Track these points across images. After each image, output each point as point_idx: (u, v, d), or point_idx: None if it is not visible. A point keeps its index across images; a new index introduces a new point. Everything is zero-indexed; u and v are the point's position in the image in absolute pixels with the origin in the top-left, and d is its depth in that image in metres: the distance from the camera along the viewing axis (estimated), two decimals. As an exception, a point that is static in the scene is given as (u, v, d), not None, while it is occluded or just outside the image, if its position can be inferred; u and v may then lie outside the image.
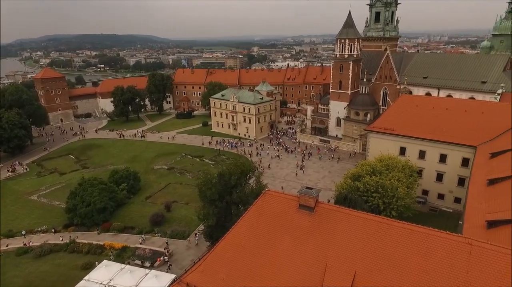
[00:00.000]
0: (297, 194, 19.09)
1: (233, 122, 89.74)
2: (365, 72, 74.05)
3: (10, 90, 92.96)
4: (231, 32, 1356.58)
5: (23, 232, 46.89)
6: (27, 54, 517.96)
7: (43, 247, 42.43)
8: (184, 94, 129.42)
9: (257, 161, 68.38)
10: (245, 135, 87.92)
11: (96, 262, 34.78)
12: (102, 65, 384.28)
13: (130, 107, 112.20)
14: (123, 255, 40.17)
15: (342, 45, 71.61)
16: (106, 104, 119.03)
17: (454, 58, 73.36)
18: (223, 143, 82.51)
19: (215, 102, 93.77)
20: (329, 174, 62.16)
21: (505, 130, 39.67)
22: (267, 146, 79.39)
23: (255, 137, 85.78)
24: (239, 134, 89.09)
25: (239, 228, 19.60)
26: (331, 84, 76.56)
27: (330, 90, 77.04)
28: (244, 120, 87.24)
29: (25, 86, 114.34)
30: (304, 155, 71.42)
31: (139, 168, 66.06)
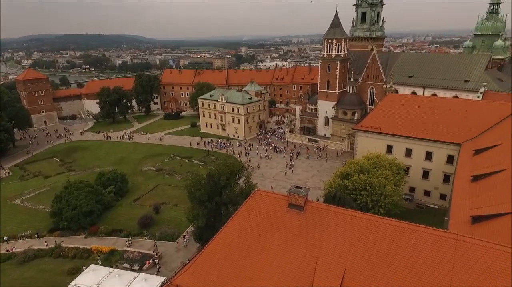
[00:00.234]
0: (286, 193, 19.10)
1: (222, 123, 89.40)
2: (352, 72, 74.93)
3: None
4: (218, 32, 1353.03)
5: (5, 237, 45.53)
6: (8, 54, 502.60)
7: (27, 253, 41.26)
8: (172, 94, 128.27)
9: (246, 161, 68.44)
10: (234, 136, 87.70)
11: (83, 267, 34.07)
12: (87, 65, 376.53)
13: (116, 108, 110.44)
14: (111, 259, 39.48)
15: (329, 45, 72.29)
16: (92, 106, 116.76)
17: (438, 58, 75.01)
18: (211, 144, 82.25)
19: (203, 103, 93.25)
20: (318, 173, 62.62)
21: (487, 128, 40.76)
22: (256, 146, 79.40)
23: (244, 137, 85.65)
24: (228, 134, 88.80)
25: (229, 228, 19.49)
26: (319, 84, 77.18)
27: (318, 90, 77.64)
28: (233, 121, 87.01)
29: (6, 88, 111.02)
30: (292, 154, 71.79)
31: (126, 170, 65.15)
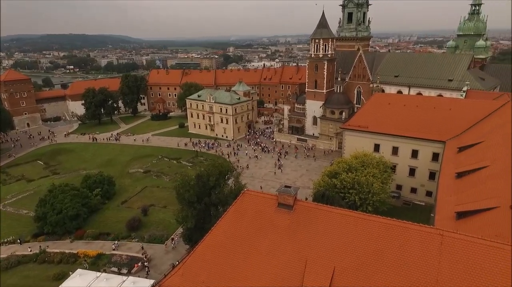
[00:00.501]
0: (276, 193, 19.10)
1: (210, 123, 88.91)
2: (340, 72, 75.70)
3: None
4: (206, 33, 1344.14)
5: (-14, 244, 44.13)
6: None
7: (9, 259, 40.06)
8: (159, 95, 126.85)
9: (235, 162, 68.28)
10: (222, 136, 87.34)
11: (70, 272, 33.25)
12: (72, 66, 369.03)
13: (102, 110, 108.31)
14: (98, 263, 38.72)
15: (317, 45, 72.82)
16: (77, 107, 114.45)
17: (422, 58, 76.56)
18: (199, 144, 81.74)
19: (191, 103, 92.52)
20: (307, 172, 62.97)
21: (471, 125, 41.75)
22: (245, 146, 79.29)
23: (233, 138, 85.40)
24: (216, 135, 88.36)
25: (218, 229, 19.37)
26: (306, 84, 77.66)
27: (306, 90, 78.10)
28: (222, 121, 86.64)
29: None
30: (280, 154, 71.99)
31: (113, 172, 63.98)
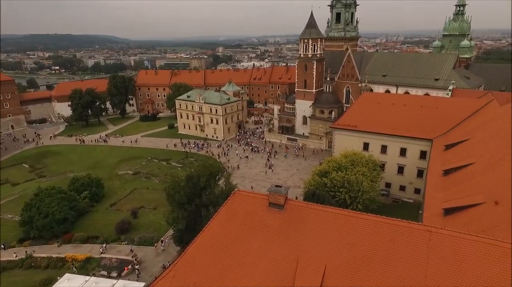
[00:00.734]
0: (266, 192, 19.08)
1: (200, 123, 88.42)
2: (329, 71, 76.33)
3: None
4: (195, 33, 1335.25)
5: (-31, 250, 42.76)
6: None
7: (-6, 265, 39.04)
8: (148, 96, 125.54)
9: (226, 162, 68.08)
10: (213, 136, 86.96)
11: (58, 277, 32.51)
12: (57, 67, 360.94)
13: (90, 111, 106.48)
14: (87, 267, 38.08)
15: (306, 45, 73.22)
16: (63, 109, 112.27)
17: (409, 57, 77.92)
18: (189, 145, 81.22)
19: (180, 104, 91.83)
20: (297, 171, 63.23)
21: (457, 123, 42.64)
22: (235, 147, 79.12)
23: (223, 138, 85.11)
24: (206, 135, 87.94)
25: (209, 230, 19.24)
26: (296, 84, 78.00)
27: (296, 89, 78.45)
28: (212, 121, 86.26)
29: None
30: (270, 154, 72.10)
31: (102, 175, 63.02)
